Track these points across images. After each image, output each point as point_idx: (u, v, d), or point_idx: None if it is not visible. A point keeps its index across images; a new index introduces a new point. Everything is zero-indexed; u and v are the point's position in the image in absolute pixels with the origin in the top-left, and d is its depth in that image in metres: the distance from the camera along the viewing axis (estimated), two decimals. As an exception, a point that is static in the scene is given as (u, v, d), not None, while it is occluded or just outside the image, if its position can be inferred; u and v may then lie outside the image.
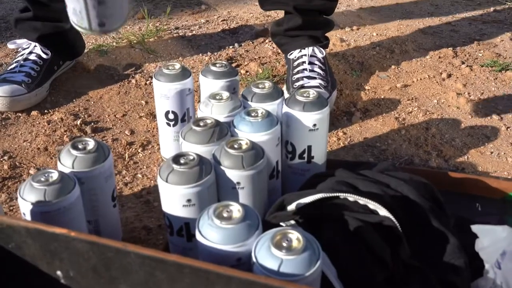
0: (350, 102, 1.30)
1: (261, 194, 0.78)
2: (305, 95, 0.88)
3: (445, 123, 1.22)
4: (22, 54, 1.34)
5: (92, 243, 0.57)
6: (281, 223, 0.72)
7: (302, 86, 1.23)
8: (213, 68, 1.01)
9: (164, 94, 0.98)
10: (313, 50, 1.32)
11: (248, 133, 0.81)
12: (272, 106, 0.90)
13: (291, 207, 0.75)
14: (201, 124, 0.81)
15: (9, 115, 1.24)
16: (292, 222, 0.73)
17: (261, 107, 0.85)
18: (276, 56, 1.54)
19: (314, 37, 1.35)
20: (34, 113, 1.25)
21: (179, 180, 0.70)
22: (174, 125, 1.02)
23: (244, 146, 0.75)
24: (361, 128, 1.21)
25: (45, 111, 1.26)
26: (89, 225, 0.80)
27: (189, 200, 0.70)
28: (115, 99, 1.33)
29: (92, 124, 1.22)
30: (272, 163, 0.85)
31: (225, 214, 0.62)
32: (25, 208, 0.68)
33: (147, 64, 1.49)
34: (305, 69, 1.29)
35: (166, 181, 0.70)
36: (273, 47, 1.59)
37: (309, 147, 0.89)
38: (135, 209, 0.97)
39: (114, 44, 1.59)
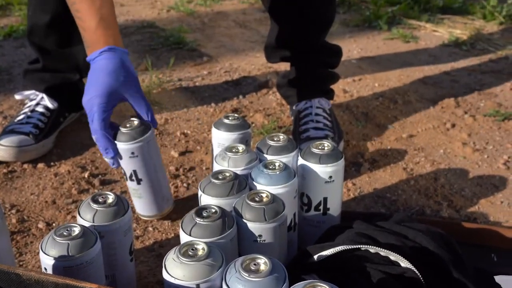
0: (358, 153, 1.31)
1: (282, 247, 0.77)
2: (320, 147, 0.89)
3: (453, 173, 1.23)
4: (29, 106, 1.35)
5: (121, 300, 0.56)
6: (303, 276, 0.72)
7: (309, 138, 1.25)
8: (225, 120, 1.02)
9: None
10: (319, 101, 1.34)
11: (266, 186, 0.81)
12: (287, 159, 0.90)
13: (313, 259, 0.74)
14: (220, 177, 0.81)
15: (15, 167, 1.24)
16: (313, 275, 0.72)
17: (278, 160, 0.85)
18: (281, 107, 1.56)
19: (320, 89, 1.37)
20: (40, 165, 1.25)
21: (202, 234, 0.70)
22: (129, 180, 1.00)
23: (265, 199, 0.75)
24: (370, 178, 1.22)
25: (52, 163, 1.26)
26: (106, 280, 0.78)
27: (212, 254, 0.70)
28: (123, 151, 1.33)
29: (100, 176, 1.21)
30: (290, 216, 0.84)
31: (252, 267, 0.62)
32: (47, 262, 0.67)
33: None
34: (312, 120, 1.30)
35: (190, 235, 0.70)
36: (277, 98, 1.61)
37: (325, 199, 0.90)
38: (148, 263, 0.96)
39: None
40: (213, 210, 0.73)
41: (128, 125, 0.96)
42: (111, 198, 0.78)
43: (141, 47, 2.09)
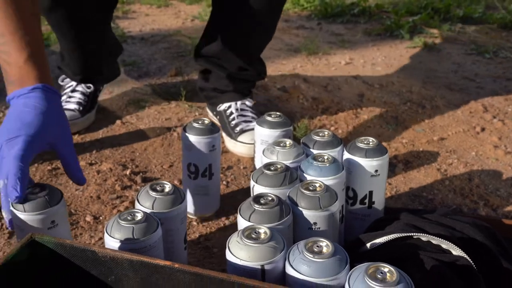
0: (390, 154, 1.34)
1: (334, 236, 0.79)
2: (365, 142, 0.92)
3: (487, 174, 1.25)
4: (70, 86, 1.48)
5: (196, 275, 0.58)
6: (355, 264, 0.74)
7: (243, 130, 1.32)
8: (268, 118, 1.05)
9: (188, 146, 1.02)
10: (242, 102, 1.40)
11: (316, 177, 0.84)
12: (333, 153, 0.93)
13: (366, 247, 0.77)
14: (272, 168, 0.84)
15: (59, 165, 1.27)
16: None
17: (326, 153, 0.88)
18: (308, 111, 1.59)
19: (242, 92, 1.42)
20: (82, 163, 1.28)
21: (261, 220, 0.72)
22: (194, 178, 1.04)
23: (319, 188, 0.78)
24: (405, 178, 1.24)
25: (93, 161, 1.30)
26: (162, 266, 0.81)
27: (271, 239, 0.72)
28: (160, 151, 1.36)
29: (141, 174, 1.24)
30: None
31: (315, 249, 0.64)
32: (112, 245, 0.70)
33: (186, 117, 1.54)
34: (240, 115, 1.37)
35: (249, 220, 0.73)
36: (303, 102, 1.64)
37: (371, 193, 0.92)
38: (195, 255, 0.98)
39: (152, 99, 1.65)
40: (270, 198, 0.75)
41: (199, 122, 1.01)
42: (167, 187, 0.81)
43: (169, 54, 2.13)
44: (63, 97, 1.47)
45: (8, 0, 0.83)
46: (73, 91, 1.47)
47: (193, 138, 1.00)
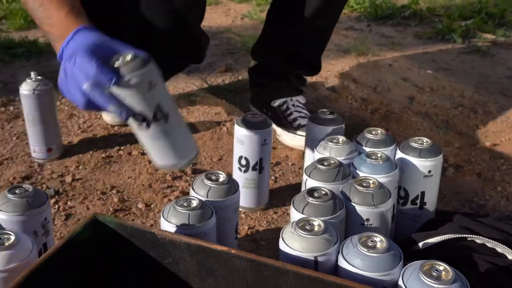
0: (441, 157, 1.32)
1: (387, 233, 0.79)
2: (419, 142, 0.91)
3: (541, 182, 1.22)
4: None
5: (252, 261, 0.59)
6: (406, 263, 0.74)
7: (301, 125, 1.31)
8: (321, 115, 1.06)
9: (240, 139, 1.03)
10: (296, 99, 1.41)
11: (369, 174, 0.84)
12: (386, 152, 0.93)
13: (418, 246, 0.76)
14: (325, 163, 0.84)
15: (112, 153, 1.31)
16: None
17: (379, 151, 0.88)
18: (357, 111, 1.58)
19: (297, 89, 1.44)
20: (134, 152, 1.31)
21: (315, 213, 0.73)
22: (245, 172, 1.05)
23: (372, 185, 0.78)
24: (455, 183, 1.22)
25: (145, 151, 1.33)
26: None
27: (323, 232, 0.73)
28: (209, 144, 1.38)
29: (191, 166, 1.27)
30: (390, 205, 0.87)
31: (369, 243, 0.65)
32: (168, 229, 0.72)
33: (234, 112, 1.56)
34: (296, 111, 1.37)
35: (302, 213, 0.73)
36: (352, 102, 1.64)
37: (423, 193, 0.91)
38: (243, 247, 0.99)
39: (202, 94, 1.67)
40: (323, 192, 0.76)
41: (252, 115, 1.03)
42: (222, 177, 0.82)
43: (219, 51, 2.16)
44: None
45: None
46: None
47: (245, 131, 1.01)
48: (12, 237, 0.63)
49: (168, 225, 0.72)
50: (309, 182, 0.83)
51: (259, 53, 1.46)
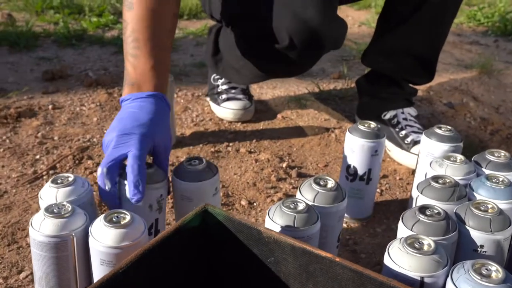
0: None
1: (501, 264, 0.74)
2: (547, 170, 0.84)
3: None
4: (225, 81, 1.54)
5: (355, 272, 0.58)
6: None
7: (415, 141, 1.27)
8: (438, 131, 1.01)
9: (351, 148, 1.00)
10: (407, 111, 1.36)
11: (488, 198, 0.79)
12: (508, 177, 0.86)
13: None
14: (440, 181, 0.80)
15: (221, 148, 1.34)
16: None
17: (502, 175, 0.82)
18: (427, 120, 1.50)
19: (408, 99, 1.38)
20: (242, 150, 1.34)
21: (425, 231, 0.70)
22: (352, 181, 1.03)
23: (491, 210, 0.73)
24: None
25: (252, 150, 1.35)
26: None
27: (433, 253, 0.70)
28: (316, 149, 1.37)
29: (297, 168, 1.27)
30: (509, 234, 0.81)
31: (484, 272, 0.60)
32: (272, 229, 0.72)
33: (343, 120, 1.53)
34: (407, 125, 1.33)
35: (411, 230, 0.70)
36: (429, 111, 1.55)
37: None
38: (342, 257, 0.96)
39: (313, 98, 1.67)
40: (436, 211, 0.72)
41: (365, 125, 1.01)
42: (330, 183, 0.81)
43: (333, 56, 2.14)
44: (222, 87, 1.52)
45: (153, 12, 0.90)
46: (230, 85, 1.53)
47: (357, 140, 0.99)
48: (128, 217, 0.66)
49: (272, 225, 0.72)
50: (421, 199, 0.80)
51: (370, 57, 1.41)
